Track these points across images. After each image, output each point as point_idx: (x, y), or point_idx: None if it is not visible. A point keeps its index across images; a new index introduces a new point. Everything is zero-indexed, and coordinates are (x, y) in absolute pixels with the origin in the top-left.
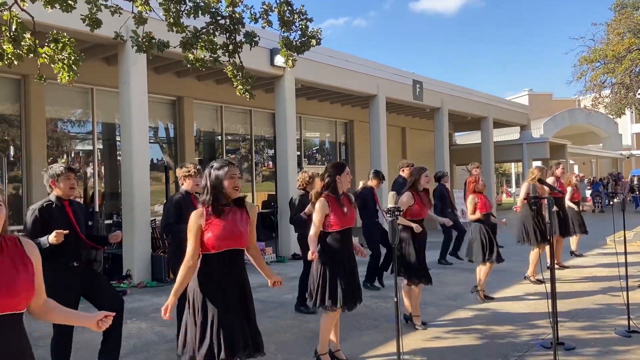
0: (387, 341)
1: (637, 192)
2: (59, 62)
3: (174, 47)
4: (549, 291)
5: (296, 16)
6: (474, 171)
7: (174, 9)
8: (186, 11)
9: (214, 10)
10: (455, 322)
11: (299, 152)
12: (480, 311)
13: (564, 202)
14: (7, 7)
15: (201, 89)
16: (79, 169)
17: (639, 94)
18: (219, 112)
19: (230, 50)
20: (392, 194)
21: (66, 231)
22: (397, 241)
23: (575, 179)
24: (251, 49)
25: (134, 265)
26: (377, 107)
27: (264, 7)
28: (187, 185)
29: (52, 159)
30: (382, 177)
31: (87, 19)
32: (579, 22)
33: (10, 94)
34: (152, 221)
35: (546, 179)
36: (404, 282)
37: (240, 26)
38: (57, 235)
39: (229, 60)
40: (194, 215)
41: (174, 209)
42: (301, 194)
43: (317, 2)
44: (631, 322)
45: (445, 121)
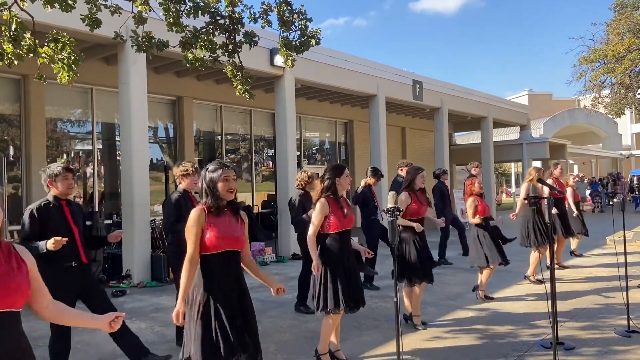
0: (387, 341)
1: (636, 192)
2: (59, 61)
3: (174, 47)
4: (549, 291)
5: (295, 16)
6: (473, 171)
7: (173, 9)
8: (186, 11)
9: (214, 10)
10: (455, 322)
11: (299, 152)
12: (480, 311)
13: (564, 202)
14: (6, 7)
15: (201, 89)
16: (78, 169)
17: (639, 94)
18: (219, 112)
19: (229, 50)
20: (391, 194)
21: (65, 239)
22: (397, 241)
23: (572, 180)
24: (251, 49)
25: (133, 265)
26: (377, 107)
27: (264, 7)
28: (184, 184)
29: (51, 159)
30: (380, 174)
31: (86, 18)
32: (578, 22)
33: (10, 94)
34: (151, 221)
35: (545, 179)
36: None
37: (239, 26)
38: (55, 242)
39: (229, 60)
40: (195, 214)
41: (174, 208)
42: (300, 194)
43: (317, 2)
44: (631, 322)
45: (445, 121)
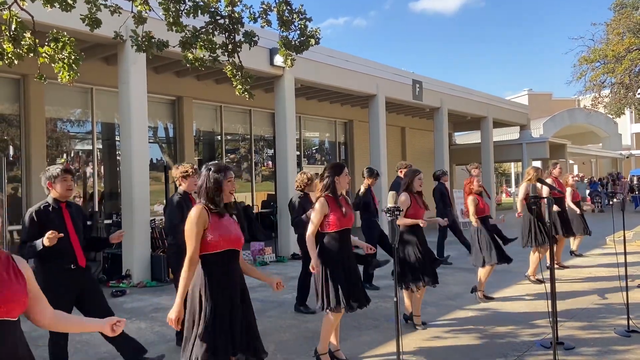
0: (387, 341)
1: (636, 192)
2: (59, 61)
3: (174, 47)
4: (549, 291)
5: (295, 16)
6: (473, 171)
7: (173, 9)
8: (185, 11)
9: (213, 9)
10: (455, 321)
11: (299, 152)
12: (480, 311)
13: (564, 202)
14: (6, 7)
15: (201, 89)
16: (78, 169)
17: (639, 94)
18: (219, 111)
19: (229, 49)
20: (391, 194)
21: (60, 234)
22: (397, 241)
23: (572, 180)
24: (250, 49)
25: (133, 265)
26: (377, 107)
27: (263, 6)
28: (185, 185)
29: (51, 159)
30: (376, 173)
31: (86, 18)
32: (578, 22)
33: (9, 94)
34: (151, 221)
35: (544, 179)
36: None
37: (239, 26)
38: (49, 238)
39: (229, 59)
40: (196, 214)
41: (177, 210)
42: (300, 195)
43: (317, 1)
44: (630, 322)
45: (444, 121)
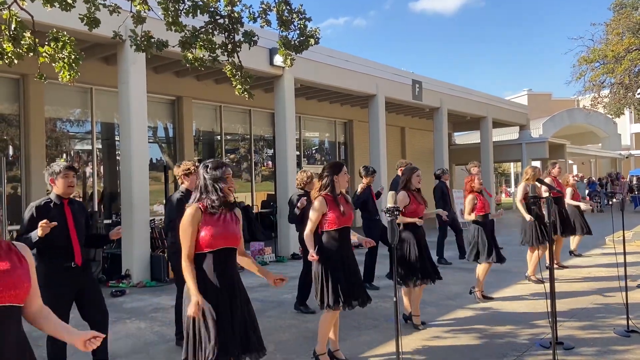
0: (386, 341)
1: (636, 192)
2: (60, 61)
3: (173, 47)
4: (548, 291)
5: (295, 15)
6: (473, 170)
7: (172, 8)
8: (185, 10)
9: (213, 9)
10: (454, 321)
11: (299, 152)
12: (479, 311)
13: (564, 202)
14: (6, 6)
15: (200, 89)
16: (77, 169)
17: (638, 94)
18: (218, 111)
19: (229, 49)
20: (391, 194)
21: (54, 223)
22: (397, 240)
23: (573, 179)
24: (250, 49)
25: (133, 264)
26: (377, 107)
27: (263, 6)
28: (187, 183)
29: (50, 159)
30: (372, 171)
31: (85, 18)
32: (578, 22)
33: (9, 94)
34: (151, 221)
35: (543, 179)
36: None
37: (239, 25)
38: (42, 227)
39: (228, 59)
40: (190, 212)
41: (176, 208)
42: (300, 193)
43: (317, 1)
44: (630, 322)
45: (444, 121)
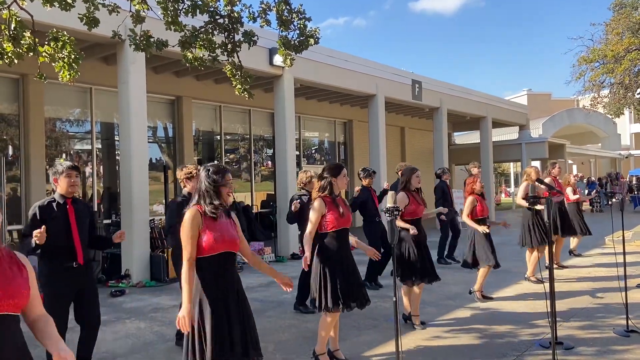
0: (386, 341)
1: (635, 192)
2: (59, 60)
3: (173, 46)
4: (548, 291)
5: (294, 15)
6: (474, 170)
7: (172, 8)
8: (184, 10)
9: (213, 9)
10: (454, 321)
11: (298, 152)
12: (479, 311)
13: (564, 202)
14: (6, 6)
15: (200, 89)
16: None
17: (638, 94)
18: (218, 111)
19: (229, 49)
20: (391, 194)
21: (43, 227)
22: (397, 241)
23: (574, 179)
24: (250, 48)
25: (132, 264)
26: (376, 107)
27: (263, 6)
28: (189, 187)
29: (50, 159)
30: (372, 172)
31: (84, 17)
32: (578, 22)
33: (8, 93)
34: (150, 221)
35: (542, 179)
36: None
37: (238, 25)
38: (37, 235)
39: (228, 59)
40: (190, 215)
41: (177, 212)
42: (301, 193)
43: (317, 1)
44: (630, 322)
45: (444, 121)
